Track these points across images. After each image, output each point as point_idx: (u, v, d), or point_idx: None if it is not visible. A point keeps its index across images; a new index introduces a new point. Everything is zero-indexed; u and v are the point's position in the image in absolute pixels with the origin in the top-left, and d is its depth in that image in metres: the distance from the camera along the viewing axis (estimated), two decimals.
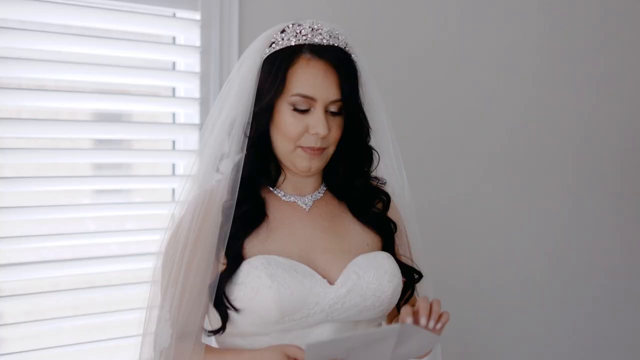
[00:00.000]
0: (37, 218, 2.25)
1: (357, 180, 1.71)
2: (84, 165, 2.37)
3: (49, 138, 2.29)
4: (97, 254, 2.32)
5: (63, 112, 2.32)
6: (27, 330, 2.22)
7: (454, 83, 2.87)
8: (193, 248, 1.57)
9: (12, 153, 2.19)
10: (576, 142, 3.17)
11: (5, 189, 2.19)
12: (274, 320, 1.55)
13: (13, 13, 2.14)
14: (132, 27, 2.35)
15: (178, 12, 2.38)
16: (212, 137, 1.64)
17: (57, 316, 2.25)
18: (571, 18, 3.13)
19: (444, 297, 2.69)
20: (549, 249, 3.13)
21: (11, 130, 2.17)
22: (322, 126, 1.58)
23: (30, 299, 2.22)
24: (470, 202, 2.94)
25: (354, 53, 1.65)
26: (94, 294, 2.30)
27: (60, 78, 2.26)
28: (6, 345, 2.22)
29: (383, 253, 1.67)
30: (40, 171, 2.29)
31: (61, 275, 2.26)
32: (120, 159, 2.41)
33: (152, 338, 1.58)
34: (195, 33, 2.37)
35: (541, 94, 3.08)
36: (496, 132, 2.98)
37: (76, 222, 2.33)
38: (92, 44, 2.26)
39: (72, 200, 2.36)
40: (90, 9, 2.24)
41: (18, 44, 2.15)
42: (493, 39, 2.95)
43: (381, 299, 1.61)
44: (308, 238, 1.64)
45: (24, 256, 2.25)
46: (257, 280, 1.54)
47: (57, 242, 2.26)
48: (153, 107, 2.43)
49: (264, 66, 1.62)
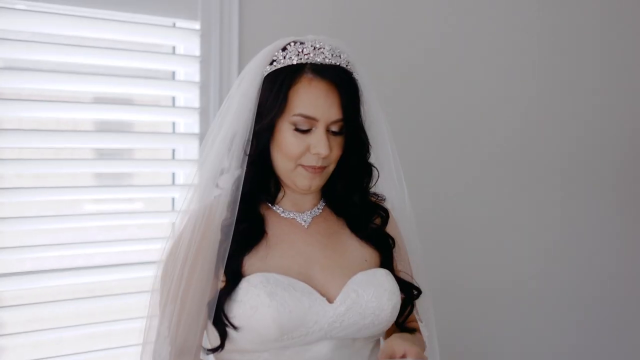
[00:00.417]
0: (38, 228, 2.25)
1: (355, 196, 1.70)
2: (85, 175, 2.37)
3: (49, 148, 2.29)
4: (98, 263, 2.33)
5: (63, 123, 2.32)
6: (28, 339, 2.23)
7: (453, 85, 2.88)
8: (192, 265, 1.56)
9: (13, 163, 2.20)
10: (576, 143, 3.18)
11: (7, 199, 2.19)
12: (273, 339, 1.55)
13: (13, 24, 2.15)
14: (133, 37, 2.35)
15: (178, 21, 2.39)
16: (212, 153, 1.63)
17: (58, 325, 2.25)
18: (572, 17, 3.13)
19: (446, 300, 2.74)
20: (550, 250, 3.14)
21: (12, 140, 2.18)
22: (324, 146, 1.58)
23: (32, 308, 2.22)
24: (470, 204, 2.95)
25: (356, 71, 1.65)
26: (95, 303, 2.31)
27: (61, 88, 2.26)
28: (7, 355, 2.22)
29: (382, 270, 1.67)
30: (41, 181, 2.28)
31: (62, 284, 2.26)
32: (120, 169, 2.41)
33: (152, 348, 1.58)
34: (195, 42, 2.37)
35: (541, 95, 3.08)
36: (497, 134, 2.99)
37: (77, 231, 2.33)
38: (93, 54, 2.26)
39: (74, 209, 2.36)
40: (90, 20, 2.24)
41: (18, 54, 2.17)
42: (492, 40, 2.95)
43: (380, 317, 1.61)
44: (307, 255, 1.64)
45: (25, 265, 2.25)
46: (256, 298, 1.54)
47: (58, 251, 2.26)
48: (153, 116, 2.43)
49: (265, 84, 1.61)
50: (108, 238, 2.38)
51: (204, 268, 1.56)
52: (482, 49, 2.94)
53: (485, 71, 2.95)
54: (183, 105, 2.43)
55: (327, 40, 1.64)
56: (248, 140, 1.61)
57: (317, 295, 1.58)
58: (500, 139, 3.00)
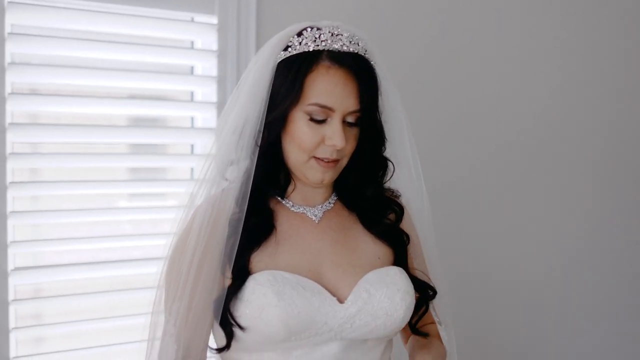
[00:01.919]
0: (75, 221, 2.29)
1: (368, 190, 1.63)
2: (119, 170, 2.40)
3: (82, 143, 2.32)
4: (133, 256, 2.34)
5: (80, 117, 2.33)
6: (65, 330, 2.27)
7: (473, 80, 2.84)
8: (200, 262, 1.50)
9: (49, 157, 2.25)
10: (604, 137, 3.11)
11: (45, 191, 2.24)
12: (280, 339, 1.49)
13: (30, 19, 2.17)
14: (152, 32, 2.35)
15: (196, 16, 2.38)
16: (220, 144, 1.57)
17: (94, 317, 2.29)
18: (588, 15, 3.08)
19: (465, 297, 2.70)
20: (574, 249, 3.09)
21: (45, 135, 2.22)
22: (340, 138, 1.50)
23: (70, 299, 2.26)
24: (492, 201, 2.91)
25: (374, 59, 1.57)
26: (130, 295, 2.33)
27: (81, 83, 2.27)
28: (45, 345, 2.27)
29: (395, 268, 1.60)
30: (76, 175, 2.32)
31: (98, 276, 2.30)
32: (143, 164, 2.43)
33: (158, 345, 1.54)
34: (213, 37, 2.36)
35: (565, 87, 3.02)
36: (520, 127, 2.94)
37: (112, 224, 2.36)
38: (114, 50, 2.27)
39: (107, 203, 2.39)
40: (110, 15, 2.25)
41: (32, 49, 2.18)
42: (513, 35, 2.91)
43: (393, 317, 1.55)
44: (317, 251, 1.57)
45: (63, 258, 2.30)
46: (262, 298, 1.48)
47: (94, 244, 2.30)
48: (172, 111, 2.44)
49: (279, 71, 1.52)
50: (140, 232, 2.41)
51: (211, 265, 1.51)
52: (503, 45, 2.90)
53: (506, 65, 2.90)
54: (201, 100, 2.42)
55: (345, 27, 1.56)
56: (259, 130, 1.53)
57: (327, 295, 1.52)
58: (524, 131, 2.95)
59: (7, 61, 2.09)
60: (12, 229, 2.15)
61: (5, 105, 2.08)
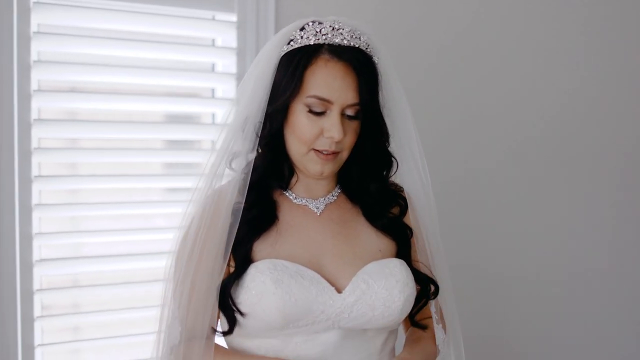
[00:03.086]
0: (112, 214, 2.37)
1: (372, 185, 1.65)
2: (154, 165, 2.47)
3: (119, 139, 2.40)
4: (165, 249, 2.39)
5: (98, 113, 2.40)
6: (101, 319, 2.35)
7: (485, 83, 2.82)
8: (202, 248, 1.55)
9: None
10: (602, 138, 3.06)
11: (83, 185, 2.33)
12: (278, 326, 1.53)
13: (54, 19, 2.24)
14: (174, 30, 2.41)
15: (217, 14, 2.43)
16: (225, 135, 1.61)
17: (130, 306, 2.36)
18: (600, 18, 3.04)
19: (468, 291, 2.69)
20: (580, 248, 3.05)
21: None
22: (337, 130, 1.53)
23: (106, 289, 2.34)
24: (513, 200, 2.91)
25: (376, 55, 1.59)
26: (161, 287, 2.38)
27: (106, 81, 2.34)
28: (82, 333, 2.36)
29: (396, 260, 1.62)
30: (113, 170, 2.39)
31: (133, 268, 2.38)
32: (179, 159, 2.50)
33: (164, 336, 1.58)
34: (232, 35, 2.41)
35: (587, 82, 2.99)
36: (534, 121, 2.91)
37: (146, 218, 2.43)
38: (135, 48, 2.34)
39: (144, 197, 2.46)
40: (133, 14, 2.32)
41: (56, 48, 2.26)
42: (537, 26, 2.90)
43: (391, 309, 1.57)
44: (318, 243, 1.60)
45: (98, 250, 2.39)
46: (261, 285, 1.52)
47: (129, 236, 2.38)
48: (194, 107, 2.50)
49: (281, 64, 1.57)
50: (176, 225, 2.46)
51: (213, 251, 1.54)
52: (525, 36, 2.89)
53: (529, 55, 2.89)
54: (221, 96, 2.47)
55: (348, 22, 1.59)
56: (260, 121, 1.57)
57: (326, 284, 1.55)
58: (539, 126, 2.92)
59: (32, 59, 2.16)
60: (37, 221, 2.22)
61: (30, 101, 2.16)
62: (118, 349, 2.37)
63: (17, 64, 2.12)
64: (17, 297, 2.15)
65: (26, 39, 2.14)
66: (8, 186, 2.13)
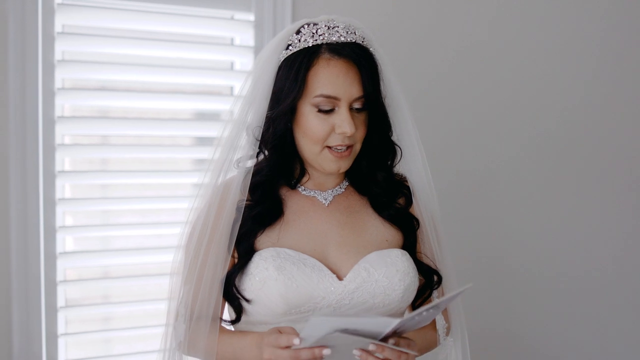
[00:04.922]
0: (141, 208, 2.45)
1: (379, 174, 1.69)
2: (184, 161, 2.53)
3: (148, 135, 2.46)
4: None
5: (129, 110, 2.47)
6: (133, 309, 2.43)
7: (496, 85, 2.84)
8: (208, 243, 1.60)
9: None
10: (605, 136, 3.03)
11: (113, 180, 2.41)
12: (281, 312, 1.57)
13: (75, 19, 2.32)
14: (194, 29, 2.48)
15: (236, 14, 2.49)
16: (229, 136, 1.66)
17: (160, 298, 2.39)
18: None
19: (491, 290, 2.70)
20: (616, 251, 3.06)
21: None
22: (349, 125, 1.57)
23: (136, 280, 2.42)
24: (527, 200, 2.92)
25: (372, 46, 1.63)
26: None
27: (131, 79, 2.43)
28: (114, 323, 2.44)
29: (398, 250, 1.65)
30: (141, 165, 2.46)
31: (163, 261, 2.41)
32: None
33: (172, 330, 1.63)
34: (250, 34, 2.46)
35: (598, 80, 2.99)
36: (545, 118, 2.92)
37: (173, 212, 2.48)
38: (156, 47, 2.42)
39: (172, 192, 2.52)
40: (155, 14, 2.40)
41: (80, 47, 2.33)
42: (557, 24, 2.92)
43: (391, 297, 1.60)
44: (324, 233, 1.64)
45: (129, 243, 2.47)
46: (264, 272, 1.57)
47: (158, 230, 2.46)
48: (213, 105, 2.56)
49: (282, 69, 1.61)
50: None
51: (219, 245, 1.59)
52: (550, 35, 2.90)
53: (542, 54, 2.91)
54: (240, 93, 2.52)
55: (340, 18, 1.63)
56: (259, 126, 1.62)
57: (327, 271, 1.59)
58: (549, 126, 2.92)
59: (57, 58, 2.24)
60: (61, 214, 2.30)
61: (54, 99, 2.24)
62: (143, 339, 2.44)
63: (42, 63, 2.20)
64: (41, 288, 2.23)
65: (50, 39, 2.22)
66: (32, 181, 2.21)
